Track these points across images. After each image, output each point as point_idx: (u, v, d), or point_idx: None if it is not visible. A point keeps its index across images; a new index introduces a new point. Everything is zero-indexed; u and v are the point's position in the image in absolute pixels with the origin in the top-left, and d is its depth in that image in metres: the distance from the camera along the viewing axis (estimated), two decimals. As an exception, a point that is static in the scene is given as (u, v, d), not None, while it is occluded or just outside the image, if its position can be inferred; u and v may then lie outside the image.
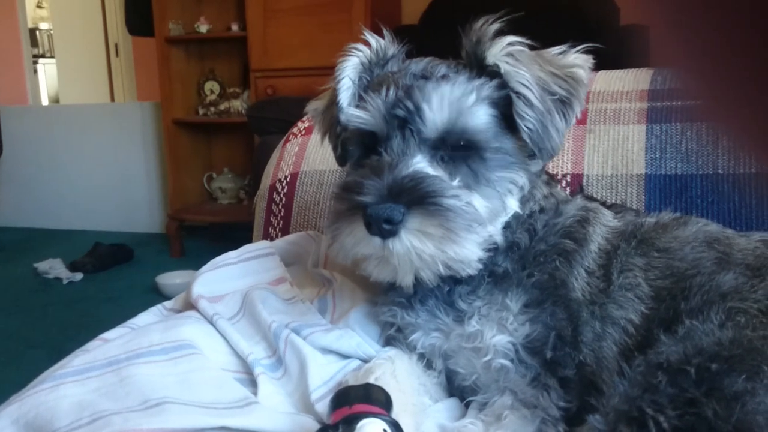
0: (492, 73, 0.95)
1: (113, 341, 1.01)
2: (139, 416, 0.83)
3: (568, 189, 1.30)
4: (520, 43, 0.96)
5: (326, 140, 1.13)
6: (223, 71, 5.07)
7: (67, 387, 0.90)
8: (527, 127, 0.94)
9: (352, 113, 0.98)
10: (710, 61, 0.28)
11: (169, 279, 3.93)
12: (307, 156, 1.60)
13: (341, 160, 1.10)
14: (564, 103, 0.96)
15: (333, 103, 1.04)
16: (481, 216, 0.92)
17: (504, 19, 0.96)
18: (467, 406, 0.99)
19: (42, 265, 4.46)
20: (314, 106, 1.14)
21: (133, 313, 1.17)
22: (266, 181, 1.65)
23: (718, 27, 0.27)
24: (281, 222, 1.57)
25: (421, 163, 0.92)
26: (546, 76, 0.96)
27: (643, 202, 1.29)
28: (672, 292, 0.94)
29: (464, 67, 0.98)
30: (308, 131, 1.67)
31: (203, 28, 4.76)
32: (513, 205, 0.98)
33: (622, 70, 1.48)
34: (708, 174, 1.26)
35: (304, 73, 4.19)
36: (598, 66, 1.50)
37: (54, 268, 4.43)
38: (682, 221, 1.04)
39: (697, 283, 0.93)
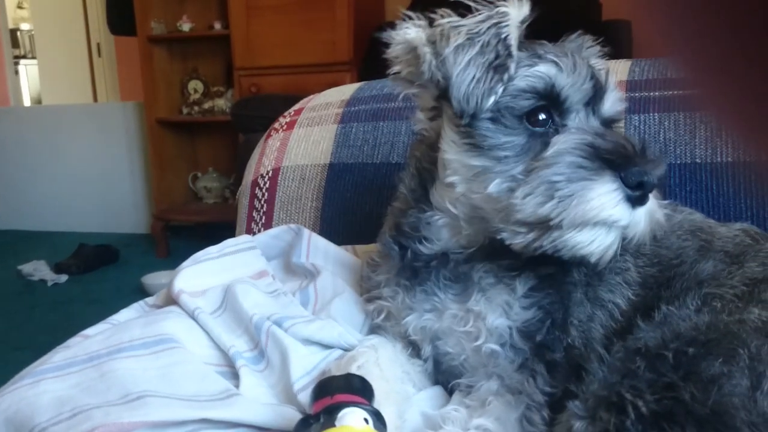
0: None
1: (94, 337, 1.01)
2: (120, 410, 0.83)
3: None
4: None
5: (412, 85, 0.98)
6: (206, 70, 5.05)
7: (48, 383, 0.89)
8: None
9: (546, 71, 0.90)
10: (712, 51, 0.28)
11: (155, 279, 3.91)
12: (289, 151, 1.60)
13: (483, 111, 0.91)
14: None
15: (492, 48, 0.90)
16: None
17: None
18: (451, 394, 1.00)
19: (26, 267, 4.44)
20: (433, 38, 0.92)
21: (119, 314, 1.16)
22: (248, 177, 1.64)
23: (721, 17, 0.27)
24: (264, 217, 1.57)
25: None
26: None
27: (623, 192, 1.30)
28: (659, 280, 0.96)
29: None
30: (290, 126, 1.66)
31: (186, 26, 4.74)
32: None
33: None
34: (686, 163, 1.28)
35: (288, 71, 4.19)
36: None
37: (38, 270, 4.41)
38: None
39: (680, 272, 0.95)
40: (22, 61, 8.66)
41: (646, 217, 0.85)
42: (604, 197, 0.82)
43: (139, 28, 4.66)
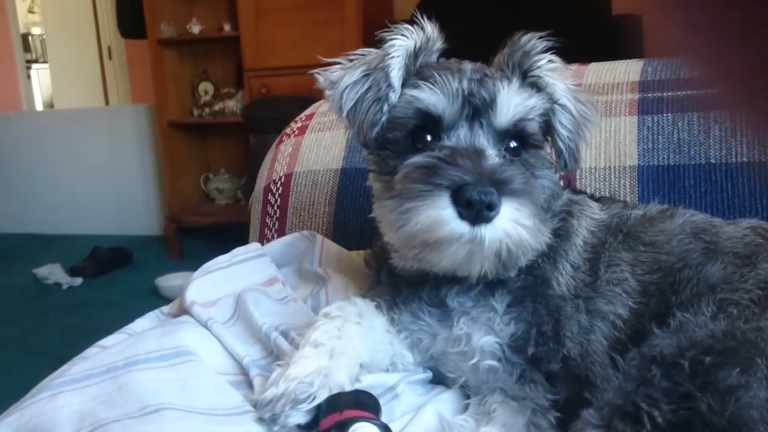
0: (531, 84, 0.99)
1: (111, 348, 1.01)
2: (137, 423, 0.83)
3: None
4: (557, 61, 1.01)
5: (336, 117, 1.05)
6: (216, 72, 5.06)
7: (66, 396, 0.90)
8: (567, 138, 1.01)
9: (416, 95, 0.94)
10: (729, 48, 0.28)
11: (169, 281, 3.93)
12: (301, 156, 1.60)
13: (372, 142, 0.98)
14: (584, 121, 1.03)
15: (375, 81, 0.97)
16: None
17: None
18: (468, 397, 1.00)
19: (41, 271, 4.47)
20: (332, 79, 1.02)
21: (134, 317, 1.17)
22: (260, 183, 1.65)
23: (737, 14, 0.27)
24: (277, 223, 1.57)
25: (495, 155, 0.91)
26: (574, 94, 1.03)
27: (637, 193, 1.29)
28: (660, 286, 0.95)
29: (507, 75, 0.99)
30: (301, 131, 1.66)
31: (195, 28, 4.76)
32: None
33: (613, 62, 1.48)
34: (700, 164, 1.27)
35: (298, 72, 4.18)
36: (591, 56, 1.50)
37: (53, 273, 4.43)
38: (668, 213, 1.04)
39: (686, 276, 0.94)
40: (34, 66, 8.71)
41: (495, 232, 0.84)
42: (435, 216, 0.83)
43: (149, 30, 4.67)
